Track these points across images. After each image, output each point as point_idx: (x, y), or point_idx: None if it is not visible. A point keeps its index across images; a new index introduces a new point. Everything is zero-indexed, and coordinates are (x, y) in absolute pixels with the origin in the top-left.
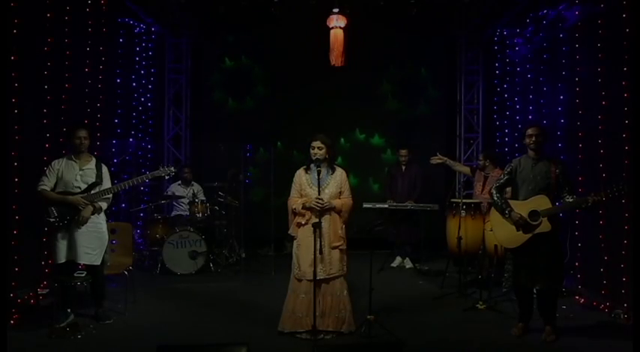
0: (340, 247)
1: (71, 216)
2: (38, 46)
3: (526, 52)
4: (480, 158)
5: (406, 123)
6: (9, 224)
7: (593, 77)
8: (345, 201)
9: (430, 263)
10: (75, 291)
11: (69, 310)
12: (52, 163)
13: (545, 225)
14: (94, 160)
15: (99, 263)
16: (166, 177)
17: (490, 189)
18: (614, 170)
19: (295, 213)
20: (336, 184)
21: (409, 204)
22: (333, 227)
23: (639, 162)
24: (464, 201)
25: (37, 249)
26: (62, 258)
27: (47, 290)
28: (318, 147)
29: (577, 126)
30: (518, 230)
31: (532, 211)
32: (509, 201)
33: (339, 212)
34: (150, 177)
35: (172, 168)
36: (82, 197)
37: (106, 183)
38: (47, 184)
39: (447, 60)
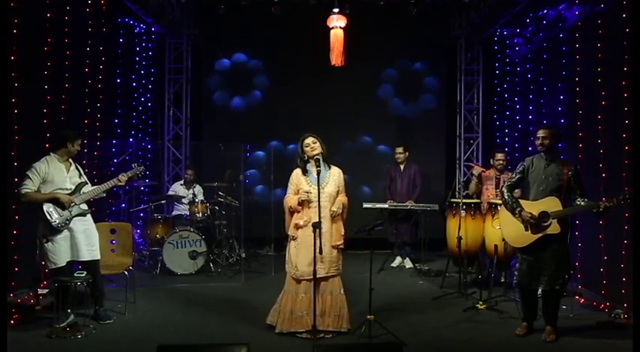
0: (340, 246)
1: (71, 217)
2: (38, 46)
3: (526, 52)
4: (501, 158)
5: (406, 122)
6: (9, 224)
7: (593, 77)
8: (345, 199)
9: (430, 263)
10: (75, 291)
11: (69, 310)
12: (36, 166)
13: (554, 227)
14: (72, 162)
15: (99, 257)
16: (139, 176)
17: (501, 188)
18: (614, 170)
19: (292, 212)
20: (334, 183)
21: (409, 204)
22: (335, 226)
23: (639, 162)
24: (464, 201)
25: (37, 249)
26: (65, 259)
27: (47, 290)
28: (314, 142)
29: (577, 126)
30: (526, 229)
31: (542, 212)
32: (520, 200)
33: (343, 210)
34: (126, 178)
35: (142, 168)
36: (75, 197)
37: (87, 182)
38: (31, 187)
39: (447, 60)
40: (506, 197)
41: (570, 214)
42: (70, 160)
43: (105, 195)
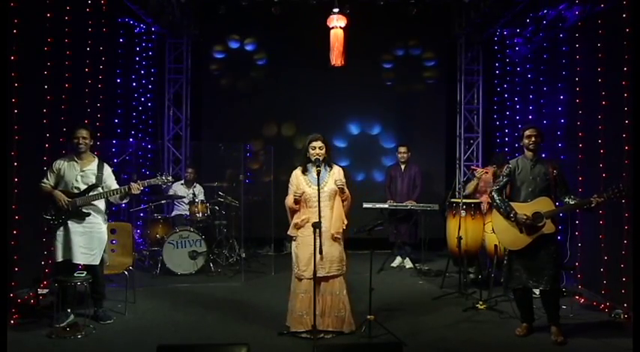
0: (337, 236)
1: (67, 216)
2: (38, 46)
3: (526, 52)
4: (495, 168)
5: (406, 122)
6: (9, 224)
7: (593, 77)
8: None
9: (430, 263)
10: (75, 291)
11: (69, 310)
12: (54, 162)
13: (549, 227)
14: (96, 161)
15: (97, 263)
16: (163, 186)
17: (490, 192)
18: (614, 170)
19: (292, 212)
20: (333, 181)
21: (409, 204)
22: (336, 212)
23: (639, 162)
24: (464, 201)
25: (37, 248)
26: (60, 256)
27: (47, 290)
28: (319, 147)
29: (577, 126)
30: (521, 232)
31: (535, 213)
32: (511, 203)
33: (344, 199)
34: (146, 185)
35: (170, 178)
36: (78, 198)
37: (111, 183)
38: (46, 182)
39: (447, 60)
40: (498, 201)
41: (563, 212)
42: (96, 159)
43: (122, 201)
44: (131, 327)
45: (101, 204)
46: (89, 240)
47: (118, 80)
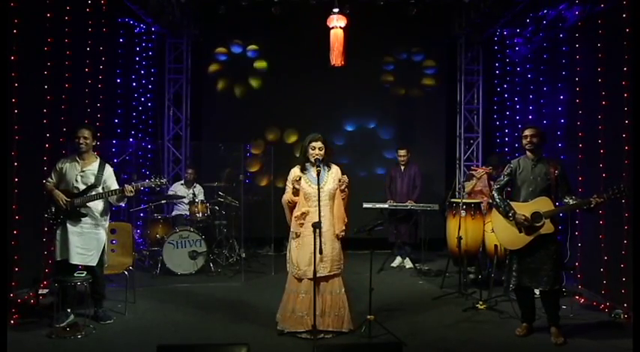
0: (342, 234)
1: (65, 216)
2: (38, 46)
3: (526, 52)
4: (491, 169)
5: (406, 122)
6: (9, 224)
7: (593, 77)
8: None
9: (430, 263)
10: (75, 291)
11: (69, 310)
12: (58, 162)
13: (548, 227)
14: (97, 162)
15: (94, 264)
16: (157, 189)
17: (490, 192)
18: (614, 170)
19: (291, 208)
20: (333, 181)
21: (409, 204)
22: (337, 213)
23: (639, 162)
24: (464, 201)
25: (37, 248)
26: (59, 255)
27: (47, 290)
28: (319, 148)
29: (577, 126)
30: (520, 231)
31: (535, 213)
32: (511, 202)
33: (344, 197)
34: (140, 188)
35: (164, 181)
36: (77, 198)
37: (112, 184)
38: (50, 181)
39: (447, 60)
40: (498, 200)
41: (563, 212)
42: (98, 160)
43: (119, 202)
44: (131, 327)
45: (99, 205)
46: (86, 241)
47: (118, 80)
